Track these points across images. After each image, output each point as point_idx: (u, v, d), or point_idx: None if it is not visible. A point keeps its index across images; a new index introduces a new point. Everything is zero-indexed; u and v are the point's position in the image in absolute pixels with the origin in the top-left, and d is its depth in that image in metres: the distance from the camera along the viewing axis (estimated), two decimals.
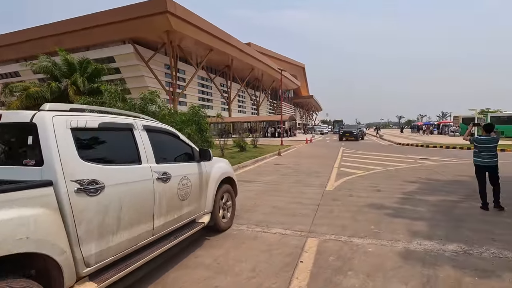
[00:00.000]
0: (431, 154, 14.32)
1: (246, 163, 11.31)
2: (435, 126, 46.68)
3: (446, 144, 19.65)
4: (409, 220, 4.45)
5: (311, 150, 17.97)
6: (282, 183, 7.58)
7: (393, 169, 9.62)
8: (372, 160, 12.18)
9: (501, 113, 31.84)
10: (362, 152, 15.76)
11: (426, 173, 8.83)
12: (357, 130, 27.95)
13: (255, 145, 18.76)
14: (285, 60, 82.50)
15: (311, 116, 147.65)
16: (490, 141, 5.19)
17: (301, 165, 11.14)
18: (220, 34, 39.27)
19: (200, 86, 50.38)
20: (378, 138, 32.97)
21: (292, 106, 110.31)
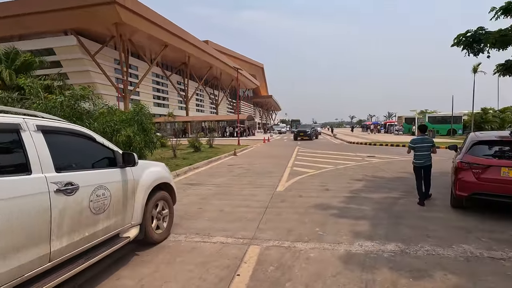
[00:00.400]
0: (378, 152, 15.20)
1: (199, 164, 10.82)
2: (382, 126, 50.43)
3: (391, 142, 21.16)
4: (353, 220, 4.45)
5: (267, 150, 18.00)
6: (233, 185, 7.29)
7: (343, 168, 9.91)
8: (324, 158, 12.50)
9: (437, 114, 35.35)
10: (316, 151, 16.18)
11: (372, 170, 9.23)
12: (311, 130, 28.31)
13: (211, 145, 18.23)
14: (244, 59, 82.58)
15: (271, 115, 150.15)
16: (423, 141, 5.65)
17: (255, 165, 10.98)
18: (175, 29, 37.74)
19: (155, 83, 48.00)
20: (332, 137, 34.48)
21: (252, 106, 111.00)
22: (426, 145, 5.62)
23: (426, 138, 5.78)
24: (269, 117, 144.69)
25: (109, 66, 36.65)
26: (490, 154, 4.54)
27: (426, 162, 5.60)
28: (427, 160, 5.60)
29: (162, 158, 11.83)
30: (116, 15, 28.29)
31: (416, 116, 35.30)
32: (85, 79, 33.52)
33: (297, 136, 27.41)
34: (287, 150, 16.91)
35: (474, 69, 24.04)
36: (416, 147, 5.66)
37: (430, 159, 5.64)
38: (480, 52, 6.94)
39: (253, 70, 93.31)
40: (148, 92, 45.60)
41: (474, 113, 24.95)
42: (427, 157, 5.60)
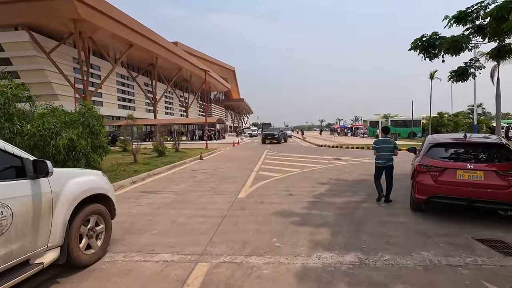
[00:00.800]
0: (344, 154, 15.45)
1: (160, 169, 10.14)
2: (349, 129, 52.29)
3: (356, 144, 21.78)
4: (313, 228, 4.21)
5: (236, 153, 17.61)
6: (193, 192, 6.80)
7: (309, 171, 9.81)
8: (292, 162, 12.39)
9: (398, 118, 37.25)
10: (284, 154, 16.09)
11: (337, 173, 9.21)
12: (279, 133, 27.59)
13: (177, 149, 17.45)
14: (215, 62, 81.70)
15: (243, 119, 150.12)
16: (385, 143, 5.83)
17: (221, 170, 10.54)
18: (141, 29, 36.19)
19: (120, 84, 45.68)
20: (302, 140, 34.95)
21: (223, 109, 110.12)
22: (388, 146, 5.79)
23: (388, 139, 5.93)
24: (241, 120, 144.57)
25: (67, 65, 34.22)
26: (447, 157, 4.55)
27: (387, 163, 5.75)
28: (388, 161, 5.76)
29: (120, 164, 10.98)
30: (74, 11, 26.41)
31: (380, 120, 37.00)
32: (40, 78, 31.01)
33: (265, 139, 26.50)
34: (256, 154, 16.65)
35: (431, 75, 25.66)
36: (379, 148, 5.83)
37: (391, 160, 5.80)
38: (435, 57, 7.17)
39: (225, 73, 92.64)
40: (112, 93, 43.26)
41: (431, 117, 26.53)
42: (388, 158, 5.76)
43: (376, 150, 5.89)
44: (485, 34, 6.74)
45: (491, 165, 4.13)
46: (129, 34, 34.41)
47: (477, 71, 7.72)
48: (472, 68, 7.70)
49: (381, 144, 5.85)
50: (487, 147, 4.51)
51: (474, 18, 6.92)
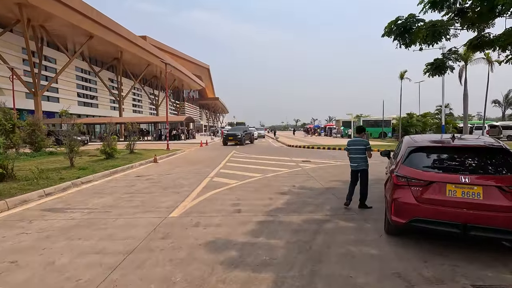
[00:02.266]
0: (314, 156, 14.45)
1: (94, 176, 8.41)
2: (322, 129, 52.27)
3: (328, 145, 21.02)
4: (250, 272, 2.88)
5: (199, 155, 16.05)
6: (114, 209, 5.25)
7: (272, 176, 8.56)
8: (256, 165, 11.11)
9: (370, 118, 37.44)
10: (251, 156, 14.80)
11: (302, 179, 8.04)
12: (242, 133, 23.78)
13: (131, 150, 15.56)
14: (189, 59, 78.99)
15: (218, 118, 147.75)
16: (359, 143, 5.22)
17: (170, 175, 9.00)
18: (101, 19, 33.28)
19: (80, 79, 42.11)
20: (274, 140, 33.96)
21: (198, 108, 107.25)
22: (360, 147, 5.15)
23: (360, 140, 5.23)
24: (216, 120, 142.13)
25: (15, 56, 30.63)
26: (432, 166, 3.42)
27: (360, 166, 5.15)
28: (361, 164, 5.14)
29: (50, 170, 9.12)
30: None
31: (352, 120, 36.99)
32: None
33: (226, 140, 23.13)
34: (221, 155, 15.21)
35: (401, 75, 25.69)
36: (351, 149, 5.27)
37: (365, 162, 5.17)
38: (412, 44, 6.18)
39: (199, 71, 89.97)
40: (70, 89, 39.72)
41: (401, 117, 26.61)
42: (361, 160, 5.15)
43: (349, 152, 5.30)
44: (466, 19, 5.83)
45: (491, 178, 3.03)
46: (87, 23, 31.45)
47: (455, 63, 6.89)
48: (450, 60, 6.86)
49: (352, 145, 5.26)
50: (484, 153, 3.42)
51: (453, 1, 6.00)
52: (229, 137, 23.02)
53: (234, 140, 22.79)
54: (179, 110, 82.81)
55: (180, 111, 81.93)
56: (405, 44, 6.23)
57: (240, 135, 23.01)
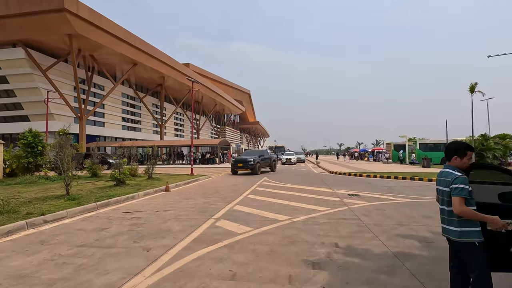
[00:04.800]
0: (362, 187, 11.28)
1: (69, 211, 6.53)
2: (370, 153, 47.27)
3: (379, 172, 17.40)
4: None
5: (223, 182, 13.82)
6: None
7: (303, 221, 5.82)
8: (286, 199, 8.43)
9: (428, 141, 32.30)
10: (284, 185, 12.12)
11: (349, 229, 5.17)
12: (256, 158, 18.34)
13: (149, 175, 13.97)
14: (230, 85, 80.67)
15: (259, 142, 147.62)
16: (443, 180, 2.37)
17: (167, 212, 6.77)
18: (144, 46, 34.66)
19: (125, 105, 44.09)
20: (315, 165, 30.68)
21: (238, 132, 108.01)
22: (444, 189, 2.32)
23: (449, 172, 2.34)
24: (256, 144, 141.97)
25: (67, 84, 32.78)
26: None
27: (448, 232, 2.34)
28: (450, 228, 2.31)
29: (34, 200, 7.58)
30: (68, 25, 24.91)
31: (407, 143, 32.16)
32: (35, 97, 29.49)
33: (234, 168, 18.22)
34: (247, 183, 12.79)
35: (471, 88, 21.23)
36: (438, 191, 2.50)
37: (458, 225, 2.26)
38: None
39: (240, 96, 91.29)
40: (116, 114, 41.54)
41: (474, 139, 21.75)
42: (449, 219, 2.32)
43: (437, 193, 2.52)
44: None
45: None
46: (131, 51, 32.83)
47: None
48: None
49: (437, 183, 2.49)
50: None
51: None
52: (238, 164, 18.10)
53: (244, 167, 17.86)
54: (220, 134, 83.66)
55: (220, 135, 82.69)
56: None
57: (252, 161, 17.87)
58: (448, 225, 2.30)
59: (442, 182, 2.30)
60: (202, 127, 68.31)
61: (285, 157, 34.31)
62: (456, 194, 2.12)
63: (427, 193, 9.79)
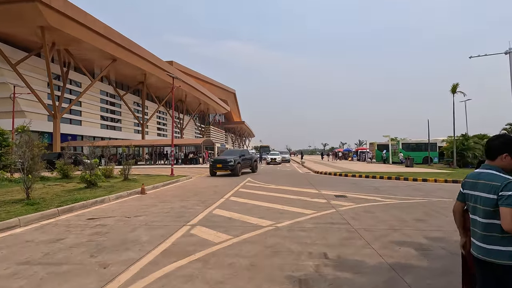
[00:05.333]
0: (349, 187, 10.96)
1: (21, 219, 5.71)
2: (354, 153, 47.74)
3: (364, 172, 17.25)
4: None
5: (204, 183, 13.14)
6: None
7: (288, 226, 5.30)
8: (270, 202, 7.91)
9: (410, 140, 32.80)
10: (268, 187, 11.61)
11: (339, 235, 4.69)
12: (236, 158, 16.85)
13: (125, 176, 13.08)
14: (215, 84, 79.58)
15: (244, 142, 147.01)
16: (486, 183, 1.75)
17: (138, 218, 6.08)
18: (124, 41, 33.26)
19: (104, 103, 42.30)
20: (300, 164, 30.44)
21: (223, 132, 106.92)
22: (487, 196, 1.69)
23: (495, 174, 1.72)
24: (242, 144, 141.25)
25: (40, 80, 30.87)
26: None
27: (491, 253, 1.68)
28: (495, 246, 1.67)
29: None
30: (40, 17, 23.34)
31: (390, 143, 32.52)
32: (2, 92, 27.53)
33: (213, 169, 16.64)
34: (230, 184, 12.19)
35: (453, 89, 21.54)
36: (467, 196, 1.90)
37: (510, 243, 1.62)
38: None
39: (225, 95, 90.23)
40: (94, 112, 39.72)
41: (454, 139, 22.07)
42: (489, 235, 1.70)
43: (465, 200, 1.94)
44: None
45: None
46: (110, 46, 31.35)
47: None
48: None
49: (472, 188, 1.84)
50: None
51: None
52: (217, 164, 16.55)
53: (224, 168, 16.32)
54: (204, 134, 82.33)
55: (205, 135, 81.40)
56: None
57: (233, 161, 16.30)
58: (487, 244, 1.71)
59: (482, 186, 1.73)
60: (186, 126, 66.88)
61: (270, 157, 33.86)
62: (510, 205, 1.58)
63: (414, 193, 9.55)
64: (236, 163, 16.43)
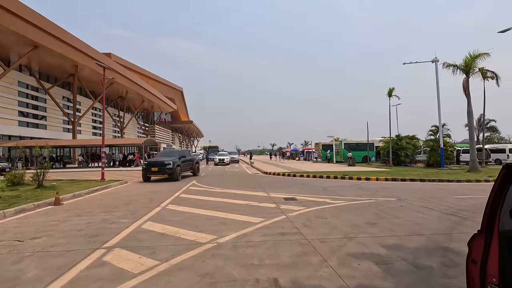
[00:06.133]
0: (298, 188, 10.62)
1: None
2: (301, 153, 49.28)
3: (312, 172, 17.38)
4: None
5: (141, 189, 11.56)
6: None
7: (230, 243, 4.42)
8: (214, 209, 6.97)
9: (351, 141, 34.83)
10: (213, 190, 10.61)
11: (291, 253, 3.99)
12: (175, 160, 14.46)
13: (39, 183, 10.79)
14: (161, 81, 75.12)
15: (192, 142, 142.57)
16: None
17: (36, 240, 4.59)
18: (50, 27, 28.84)
19: (24, 96, 36.29)
20: (249, 165, 29.96)
21: (170, 131, 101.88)
22: None
23: None
24: (190, 144, 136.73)
25: None
26: None
27: None
28: None
29: None
30: None
31: (334, 143, 34.10)
32: None
33: (147, 172, 14.07)
34: (171, 189, 10.87)
35: (389, 92, 23.33)
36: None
37: None
38: None
39: (172, 93, 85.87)
40: (9, 106, 33.72)
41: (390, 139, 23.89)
42: None
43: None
44: None
45: None
46: (29, 30, 26.75)
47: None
48: None
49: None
50: None
51: None
52: (152, 168, 13.95)
53: (161, 172, 13.95)
54: (149, 133, 77.13)
55: (149, 134, 76.27)
56: None
57: (171, 163, 14.03)
58: None
59: None
60: (127, 125, 61.65)
61: (218, 157, 32.68)
62: None
63: (361, 193, 9.55)
64: (176, 165, 14.25)
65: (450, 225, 5.36)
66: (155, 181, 14.40)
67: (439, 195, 8.92)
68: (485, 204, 1.65)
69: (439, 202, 7.72)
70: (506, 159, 26.01)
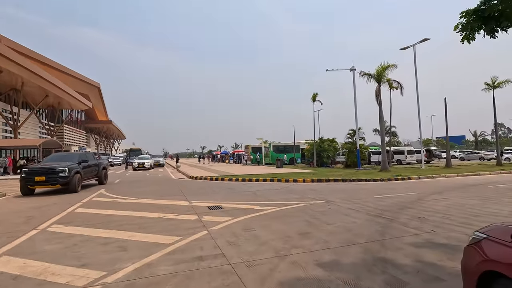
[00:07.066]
0: (225, 194, 9.70)
1: None
2: (231, 156, 48.80)
3: (241, 175, 16.74)
4: None
5: (22, 203, 8.90)
6: None
7: (123, 283, 3.15)
8: (115, 227, 5.45)
9: (279, 143, 35.83)
10: (124, 201, 8.81)
11: (207, 283, 2.98)
12: (72, 166, 11.29)
13: None
14: (72, 74, 64.71)
15: (112, 144, 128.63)
16: None
17: None
18: None
19: None
20: (175, 169, 27.80)
21: (84, 132, 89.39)
22: None
23: None
24: (109, 146, 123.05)
25: None
26: None
27: None
28: None
29: None
30: None
31: (263, 145, 34.52)
32: None
33: (27, 182, 10.51)
34: (67, 201, 8.61)
35: (313, 97, 24.59)
36: None
37: None
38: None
39: (87, 89, 75.06)
40: None
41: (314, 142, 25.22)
42: None
43: None
44: None
45: None
46: None
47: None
48: None
49: None
50: None
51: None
52: (36, 177, 10.46)
53: (50, 182, 10.55)
54: (55, 134, 65.73)
55: (56, 135, 65.04)
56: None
57: (67, 170, 10.81)
58: None
59: None
60: (24, 124, 51.22)
61: (137, 161, 28.79)
62: None
63: (290, 196, 9.18)
64: (74, 172, 11.06)
65: (380, 229, 5.15)
66: (46, 193, 11.42)
67: (362, 196, 9.15)
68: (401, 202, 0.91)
69: (363, 203, 7.78)
70: (404, 159, 30.26)
